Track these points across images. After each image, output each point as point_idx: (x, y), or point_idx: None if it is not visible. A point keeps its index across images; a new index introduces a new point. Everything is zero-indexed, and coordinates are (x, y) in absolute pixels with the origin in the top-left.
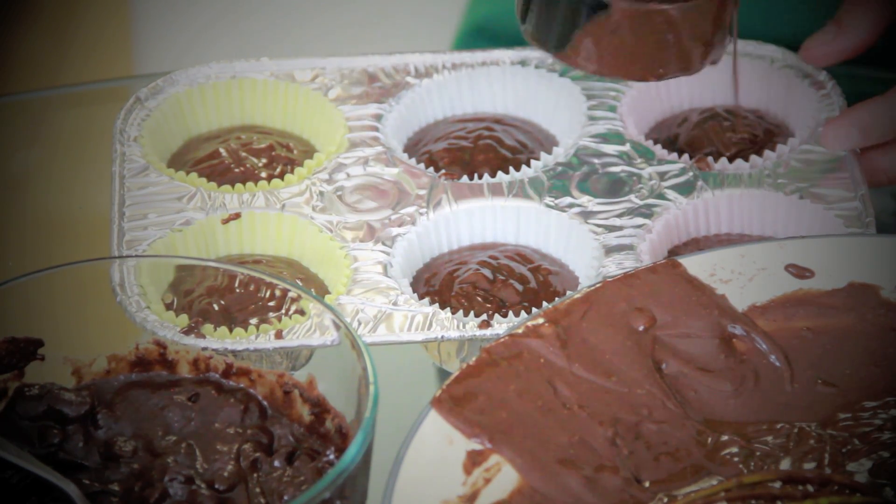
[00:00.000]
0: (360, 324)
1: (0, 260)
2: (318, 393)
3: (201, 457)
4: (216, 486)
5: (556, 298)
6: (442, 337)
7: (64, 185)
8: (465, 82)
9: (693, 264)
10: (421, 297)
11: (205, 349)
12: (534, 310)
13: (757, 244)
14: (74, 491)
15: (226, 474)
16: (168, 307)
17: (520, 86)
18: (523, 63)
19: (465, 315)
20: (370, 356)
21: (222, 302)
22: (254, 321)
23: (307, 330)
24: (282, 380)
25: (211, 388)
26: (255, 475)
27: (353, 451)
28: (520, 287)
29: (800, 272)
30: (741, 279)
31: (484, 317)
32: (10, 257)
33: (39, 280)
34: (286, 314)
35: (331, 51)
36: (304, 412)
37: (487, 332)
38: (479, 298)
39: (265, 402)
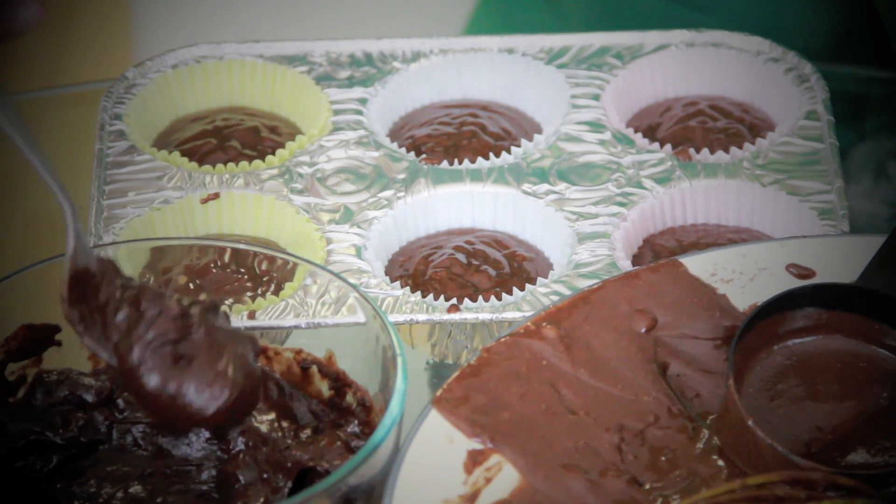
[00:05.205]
0: (324, 305)
1: (2, 255)
2: (338, 368)
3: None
4: (239, 460)
5: (529, 285)
6: (411, 320)
7: (65, 184)
8: (452, 68)
9: (694, 264)
10: (394, 281)
11: None
12: (524, 304)
13: (758, 244)
14: (70, 210)
15: (250, 448)
16: None
17: (506, 73)
18: (510, 50)
19: (436, 299)
20: (394, 329)
21: (197, 281)
22: (228, 301)
23: (327, 307)
24: (299, 356)
25: None
26: (279, 447)
27: (396, 402)
28: (493, 272)
29: (801, 272)
30: (742, 279)
31: (453, 301)
32: (12, 254)
33: (53, 267)
34: (261, 295)
35: (345, 33)
36: (324, 388)
37: (456, 316)
38: (452, 283)
39: (283, 381)
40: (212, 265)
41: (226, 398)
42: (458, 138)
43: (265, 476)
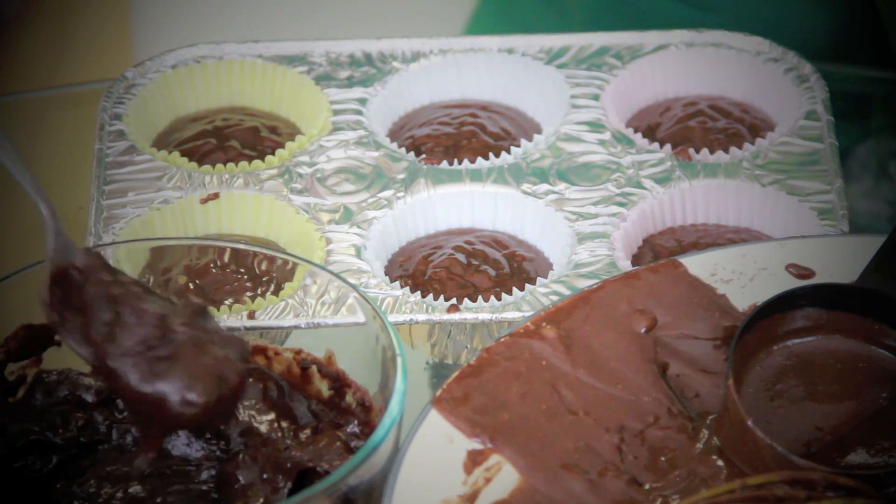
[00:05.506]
0: (323, 305)
1: (2, 255)
2: (338, 368)
3: (224, 435)
4: (240, 461)
5: (529, 285)
6: (411, 320)
7: (64, 185)
8: (452, 68)
9: (694, 264)
10: (393, 281)
11: None
12: (524, 304)
13: (758, 244)
14: (48, 210)
15: (249, 448)
16: None
17: (506, 73)
18: (510, 50)
19: (436, 299)
20: (393, 329)
21: (197, 281)
22: (228, 301)
23: (327, 307)
24: (299, 356)
25: None
26: (278, 447)
27: (395, 402)
28: (493, 272)
29: (800, 272)
30: (742, 279)
31: (453, 301)
32: (12, 254)
33: None
34: (261, 295)
35: (345, 33)
36: (323, 388)
37: (455, 316)
38: (452, 283)
39: (282, 381)
40: (212, 265)
41: (202, 402)
42: (457, 138)
43: (265, 476)
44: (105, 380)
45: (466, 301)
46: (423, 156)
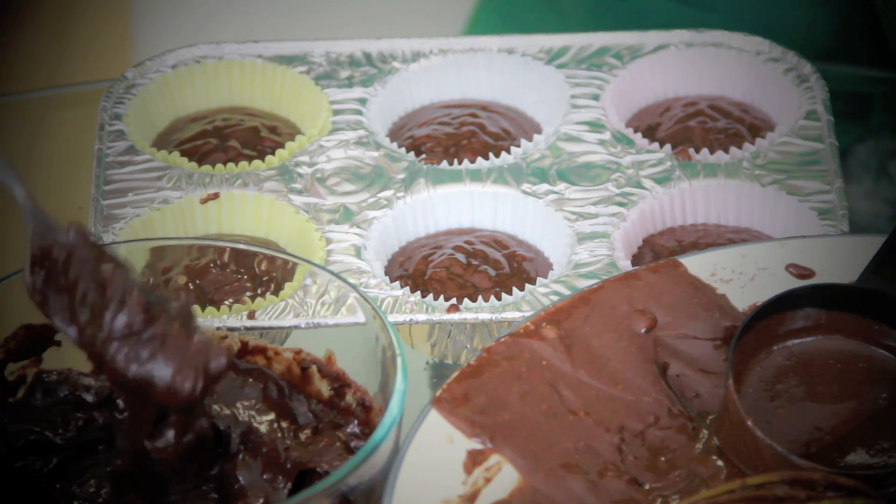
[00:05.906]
0: (323, 305)
1: (2, 255)
2: (338, 368)
3: (225, 435)
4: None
5: (529, 285)
6: (411, 320)
7: (64, 185)
8: (452, 68)
9: (694, 264)
10: (393, 281)
11: (219, 328)
12: (524, 304)
13: (758, 244)
14: (22, 191)
15: (249, 448)
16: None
17: (506, 73)
18: (510, 50)
19: (436, 299)
20: (393, 329)
21: (197, 281)
22: (228, 301)
23: (327, 307)
24: (299, 356)
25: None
26: (278, 448)
27: (395, 402)
28: (493, 272)
29: (801, 272)
30: (742, 279)
31: (453, 301)
32: (12, 254)
33: None
34: (261, 295)
35: (345, 34)
36: (323, 388)
37: (455, 316)
38: (452, 283)
39: (282, 381)
40: (211, 265)
41: (187, 388)
42: (457, 138)
43: (265, 476)
44: (91, 360)
45: (466, 301)
46: (423, 156)
